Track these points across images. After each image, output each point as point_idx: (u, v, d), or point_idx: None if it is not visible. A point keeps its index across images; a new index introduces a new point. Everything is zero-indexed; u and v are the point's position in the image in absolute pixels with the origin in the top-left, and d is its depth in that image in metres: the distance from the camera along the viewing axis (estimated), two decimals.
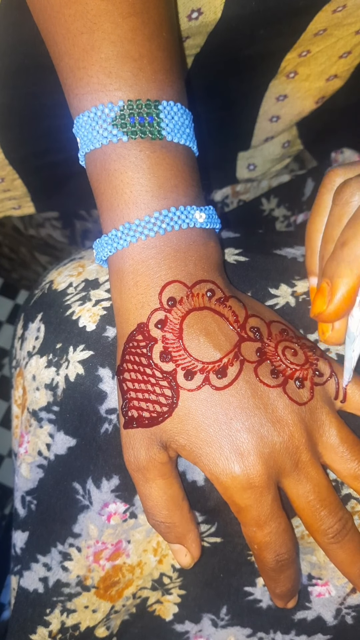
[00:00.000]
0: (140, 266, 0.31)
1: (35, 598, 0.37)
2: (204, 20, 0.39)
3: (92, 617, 0.37)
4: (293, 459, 0.30)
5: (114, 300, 0.33)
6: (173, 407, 0.30)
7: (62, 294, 0.37)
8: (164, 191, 0.31)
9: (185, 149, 0.33)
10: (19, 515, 0.38)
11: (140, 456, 0.31)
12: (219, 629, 0.39)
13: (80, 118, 0.32)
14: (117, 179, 0.31)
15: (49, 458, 0.36)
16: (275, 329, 0.33)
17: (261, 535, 0.31)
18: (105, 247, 0.32)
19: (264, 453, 0.30)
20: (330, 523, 0.31)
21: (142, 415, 0.31)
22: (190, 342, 0.31)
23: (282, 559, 0.31)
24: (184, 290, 0.31)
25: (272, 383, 0.31)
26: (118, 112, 0.31)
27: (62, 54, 0.32)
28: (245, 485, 0.30)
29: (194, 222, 0.32)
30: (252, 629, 0.38)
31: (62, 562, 0.36)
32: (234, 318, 0.32)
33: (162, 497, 0.32)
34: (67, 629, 0.37)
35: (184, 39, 0.41)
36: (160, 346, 0.31)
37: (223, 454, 0.30)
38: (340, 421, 0.32)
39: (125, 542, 0.37)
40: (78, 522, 0.36)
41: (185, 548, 0.34)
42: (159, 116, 0.31)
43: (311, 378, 0.32)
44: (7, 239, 0.89)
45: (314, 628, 0.37)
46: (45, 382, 0.36)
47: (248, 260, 0.37)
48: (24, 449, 0.38)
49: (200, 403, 0.30)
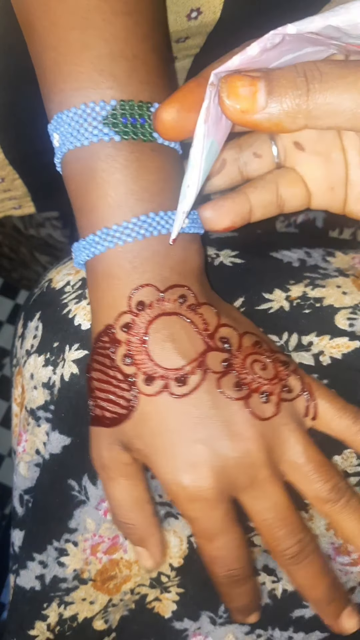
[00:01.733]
0: (115, 269, 0.31)
1: (32, 596, 0.37)
2: (204, 20, 0.39)
3: (90, 608, 0.37)
4: (248, 475, 0.30)
5: (90, 301, 0.32)
6: (131, 410, 0.30)
7: (60, 293, 0.37)
8: (150, 194, 0.31)
9: (171, 151, 0.32)
10: (17, 514, 0.39)
11: (103, 455, 0.32)
12: (217, 627, 0.39)
13: (64, 114, 0.31)
14: (103, 179, 0.30)
15: (46, 458, 0.36)
16: (247, 340, 0.32)
17: (210, 549, 0.30)
18: (82, 252, 0.32)
19: (216, 467, 0.29)
20: (288, 544, 0.30)
21: (105, 415, 0.31)
22: (154, 347, 0.30)
23: (233, 574, 0.31)
24: (155, 295, 0.30)
25: (234, 395, 0.30)
26: (110, 112, 0.30)
27: (47, 48, 0.31)
28: (194, 497, 0.29)
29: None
30: (250, 626, 0.38)
31: (58, 558, 0.36)
32: (204, 326, 0.31)
33: (124, 497, 0.32)
34: (65, 621, 0.37)
35: (184, 39, 0.41)
36: (124, 349, 0.30)
37: (175, 463, 0.29)
38: (308, 440, 0.31)
39: (122, 537, 0.37)
40: (74, 518, 0.36)
41: (147, 551, 0.33)
42: (151, 118, 0.31)
43: (279, 393, 0.31)
44: (7, 239, 0.90)
45: (312, 626, 0.37)
46: (42, 381, 0.36)
47: (244, 262, 0.38)
48: (22, 447, 0.38)
49: (157, 409, 0.30)
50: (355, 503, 0.31)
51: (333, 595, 0.32)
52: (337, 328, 0.34)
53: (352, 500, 0.31)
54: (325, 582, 0.31)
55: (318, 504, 0.31)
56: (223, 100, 0.27)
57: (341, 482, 0.31)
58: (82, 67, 0.30)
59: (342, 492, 0.31)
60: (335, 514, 0.31)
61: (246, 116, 0.27)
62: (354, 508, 0.31)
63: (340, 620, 0.32)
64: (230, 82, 0.27)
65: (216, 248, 0.39)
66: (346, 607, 0.32)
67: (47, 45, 0.31)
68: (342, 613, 0.32)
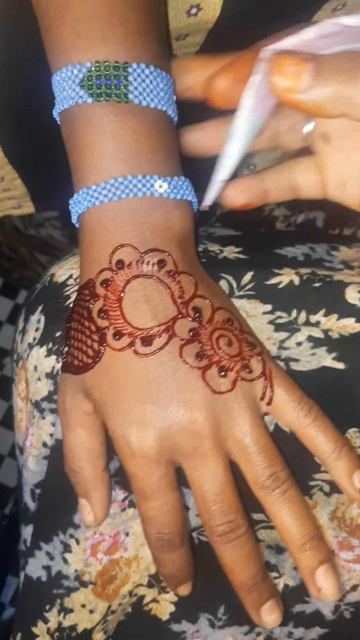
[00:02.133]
0: (97, 226, 0.32)
1: (37, 588, 0.37)
2: (203, 17, 0.39)
3: (89, 618, 0.37)
4: (191, 443, 0.30)
5: (79, 255, 0.34)
6: (96, 361, 0.31)
7: (62, 286, 0.37)
8: (125, 156, 0.31)
9: (156, 112, 0.32)
10: (29, 509, 0.39)
11: (66, 400, 0.33)
12: (216, 630, 0.38)
13: (57, 76, 0.32)
14: (81, 141, 0.32)
15: (52, 446, 0.36)
16: (220, 315, 0.32)
17: (144, 508, 0.32)
18: (72, 209, 0.33)
19: (161, 428, 0.30)
20: (219, 521, 0.31)
21: (73, 362, 0.32)
22: (128, 305, 0.31)
23: (163, 538, 0.32)
24: (135, 256, 0.31)
25: (193, 364, 0.31)
26: (85, 74, 0.31)
27: (40, 13, 0.32)
28: (136, 453, 0.31)
29: (152, 191, 0.31)
30: (249, 625, 0.38)
31: (63, 554, 0.36)
32: (180, 293, 0.32)
33: (78, 446, 0.33)
34: (64, 629, 0.37)
35: (183, 36, 0.42)
36: (100, 303, 0.31)
37: (125, 418, 0.31)
38: (257, 422, 0.31)
39: (124, 534, 0.37)
40: (78, 512, 0.36)
41: (89, 505, 0.34)
42: (127, 79, 0.31)
43: (238, 371, 0.31)
44: (7, 239, 0.90)
45: (312, 621, 0.37)
46: (46, 371, 0.36)
47: (248, 258, 0.38)
48: (30, 441, 0.38)
49: (120, 364, 0.31)
50: (291, 495, 0.31)
51: (257, 584, 0.32)
52: (347, 303, 0.35)
53: (288, 491, 0.31)
54: (250, 569, 0.32)
55: (254, 488, 0.32)
56: (271, 76, 0.28)
57: (282, 472, 0.31)
58: (64, 30, 0.31)
59: (280, 482, 0.31)
60: (268, 502, 0.31)
61: (290, 94, 0.29)
62: (288, 499, 0.31)
63: (260, 612, 0.33)
64: (279, 60, 0.28)
65: (220, 244, 0.39)
66: (269, 600, 0.33)
67: (40, 11, 0.32)
68: (263, 605, 0.33)
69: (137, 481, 0.31)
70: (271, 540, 0.36)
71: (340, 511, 0.35)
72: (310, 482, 0.35)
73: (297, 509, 0.31)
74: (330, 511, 0.35)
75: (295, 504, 0.31)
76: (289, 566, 0.37)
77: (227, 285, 0.36)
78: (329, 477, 0.34)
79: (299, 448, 0.34)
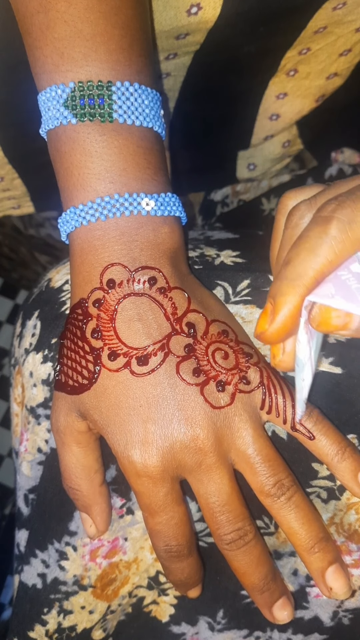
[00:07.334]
0: (86, 246, 0.32)
1: (33, 594, 0.36)
2: (204, 16, 0.39)
3: (89, 618, 0.37)
4: (194, 459, 0.31)
5: (70, 274, 0.34)
6: (92, 382, 0.31)
7: (58, 291, 0.37)
8: (111, 175, 0.31)
9: (142, 130, 0.32)
10: (22, 514, 0.38)
11: (59, 419, 0.33)
12: (215, 633, 0.38)
13: (42, 95, 0.32)
14: (67, 161, 0.32)
15: (47, 453, 0.36)
16: (214, 328, 0.32)
17: (152, 523, 0.32)
18: (62, 227, 0.33)
19: (164, 447, 0.30)
20: (227, 530, 0.31)
21: (67, 382, 0.32)
22: (121, 325, 0.31)
23: (171, 550, 0.32)
24: (126, 274, 0.31)
25: (190, 381, 0.31)
26: (69, 94, 0.30)
27: (24, 33, 0.32)
28: (140, 473, 0.31)
29: (139, 209, 0.31)
30: (248, 629, 0.38)
31: (59, 561, 0.36)
32: (172, 310, 0.32)
33: (74, 463, 0.33)
34: (64, 630, 0.37)
35: (184, 35, 0.41)
36: (94, 323, 0.31)
37: (127, 438, 0.31)
38: (259, 432, 0.32)
39: (122, 539, 0.37)
40: (74, 520, 0.36)
41: (91, 519, 0.35)
42: (111, 98, 0.31)
43: (235, 384, 0.31)
44: (7, 239, 0.89)
45: (311, 627, 0.37)
46: (42, 378, 0.36)
47: (245, 262, 0.37)
48: (24, 447, 0.38)
49: (117, 385, 0.31)
50: (297, 500, 0.31)
51: (267, 585, 0.33)
52: None
53: (294, 497, 0.31)
54: (260, 571, 0.32)
55: (260, 497, 0.32)
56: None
57: (287, 479, 0.32)
58: (46, 50, 0.31)
59: (285, 489, 0.31)
60: (275, 509, 0.32)
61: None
62: (294, 505, 0.31)
63: (273, 610, 0.34)
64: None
65: (217, 249, 0.38)
66: (280, 598, 0.34)
67: (24, 31, 0.32)
68: (275, 603, 0.34)
69: (143, 498, 0.31)
70: (269, 546, 0.36)
71: (338, 517, 0.35)
72: (308, 489, 0.34)
73: (304, 513, 0.32)
74: (328, 517, 0.35)
75: (302, 509, 0.32)
76: (287, 572, 0.36)
77: (223, 291, 0.36)
78: (326, 483, 0.34)
79: (295, 455, 0.34)
